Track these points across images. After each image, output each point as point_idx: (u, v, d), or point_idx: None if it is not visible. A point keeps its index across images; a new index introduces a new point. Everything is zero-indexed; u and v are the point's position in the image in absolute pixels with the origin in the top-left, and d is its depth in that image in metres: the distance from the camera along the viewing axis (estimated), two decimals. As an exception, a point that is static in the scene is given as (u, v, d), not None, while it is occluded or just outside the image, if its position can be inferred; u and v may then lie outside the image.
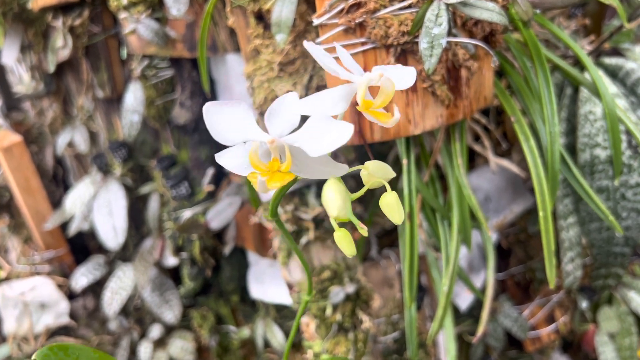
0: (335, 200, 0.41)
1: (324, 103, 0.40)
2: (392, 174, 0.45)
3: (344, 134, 0.37)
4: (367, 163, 0.45)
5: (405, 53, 0.66)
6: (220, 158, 0.42)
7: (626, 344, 1.18)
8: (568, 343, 1.35)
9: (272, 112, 0.40)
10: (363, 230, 0.42)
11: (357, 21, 0.64)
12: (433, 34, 0.61)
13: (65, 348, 0.51)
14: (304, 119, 0.40)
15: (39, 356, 0.48)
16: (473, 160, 1.09)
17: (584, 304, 1.18)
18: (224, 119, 0.40)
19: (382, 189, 0.44)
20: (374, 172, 0.45)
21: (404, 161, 0.78)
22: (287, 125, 0.40)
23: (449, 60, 0.69)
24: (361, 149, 0.93)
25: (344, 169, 0.43)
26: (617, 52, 0.98)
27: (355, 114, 0.68)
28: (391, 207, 0.43)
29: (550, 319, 1.20)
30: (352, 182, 0.97)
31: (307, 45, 0.40)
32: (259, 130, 0.40)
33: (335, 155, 0.86)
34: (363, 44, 0.65)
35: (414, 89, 0.68)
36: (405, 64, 0.67)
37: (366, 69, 0.67)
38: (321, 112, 0.40)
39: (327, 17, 0.66)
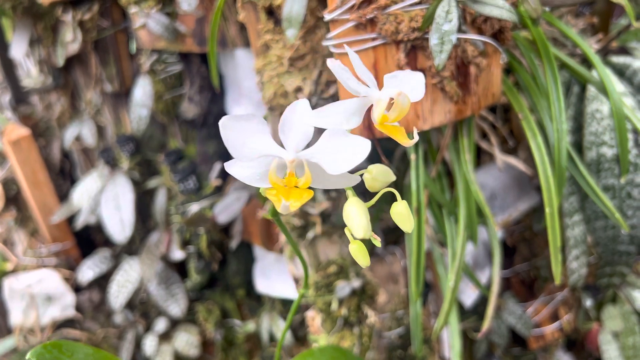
0: (361, 221, 0.40)
1: (338, 116, 0.39)
2: (393, 178, 0.45)
3: (362, 151, 0.37)
4: (370, 167, 0.45)
5: (415, 49, 0.67)
6: (231, 168, 0.41)
7: (630, 343, 1.18)
8: (572, 341, 1.35)
9: (285, 124, 0.39)
10: (377, 241, 0.41)
11: (368, 17, 0.64)
12: (443, 30, 0.62)
13: (59, 345, 0.50)
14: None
15: (33, 355, 0.48)
16: (479, 158, 1.09)
17: (588, 303, 1.18)
18: (241, 134, 0.39)
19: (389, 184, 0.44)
20: (377, 176, 0.44)
21: (412, 157, 0.78)
22: (303, 138, 0.39)
23: (458, 57, 0.70)
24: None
25: (356, 179, 0.43)
26: (624, 50, 0.99)
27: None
28: (402, 216, 0.43)
29: (554, 316, 1.20)
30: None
31: (331, 64, 0.40)
32: (277, 146, 0.39)
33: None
34: (373, 39, 0.66)
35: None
36: (415, 59, 0.67)
37: (376, 64, 0.67)
38: (336, 125, 0.39)
39: (338, 12, 0.66)
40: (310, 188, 0.40)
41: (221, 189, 1.13)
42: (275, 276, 1.11)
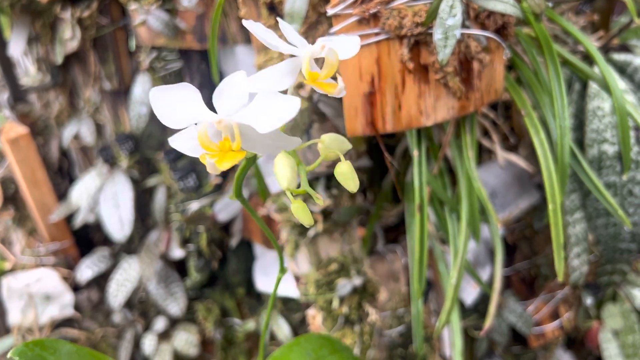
0: (285, 172, 0.41)
1: (270, 78, 0.41)
2: (349, 146, 0.46)
3: (291, 107, 0.38)
4: (323, 136, 0.46)
5: (419, 44, 0.66)
6: (174, 141, 0.42)
7: (630, 342, 1.18)
8: (572, 339, 1.35)
9: (220, 92, 0.40)
10: (319, 200, 0.42)
11: (371, 12, 0.64)
12: (447, 25, 0.62)
13: (40, 343, 0.50)
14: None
15: (14, 354, 0.47)
16: (480, 156, 1.09)
17: (588, 301, 1.18)
18: (171, 102, 0.40)
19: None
20: (330, 144, 0.46)
21: (415, 153, 0.78)
22: (236, 104, 0.40)
23: (461, 52, 0.69)
24: (371, 140, 0.93)
25: (296, 141, 0.44)
26: (625, 48, 0.99)
27: (367, 104, 0.68)
28: (345, 175, 0.44)
29: (554, 315, 1.20)
30: (360, 174, 0.97)
31: (246, 23, 0.41)
32: (207, 111, 0.40)
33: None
34: (376, 34, 0.65)
35: (426, 80, 0.68)
36: (418, 55, 0.67)
37: (379, 59, 0.67)
38: (269, 88, 0.40)
39: (341, 7, 0.66)
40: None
41: (221, 187, 1.12)
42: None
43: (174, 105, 0.40)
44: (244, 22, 0.41)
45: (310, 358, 0.66)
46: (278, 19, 0.43)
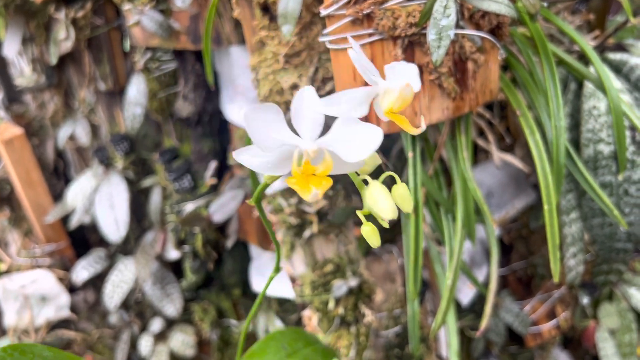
0: (390, 203, 0.41)
1: (346, 105, 0.40)
2: (379, 161, 0.47)
3: (375, 138, 0.38)
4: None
5: (413, 45, 0.66)
6: (239, 156, 0.41)
7: (626, 341, 1.18)
8: (568, 339, 1.35)
9: (297, 113, 0.40)
10: (384, 222, 0.43)
11: (364, 12, 0.64)
12: (441, 25, 0.61)
13: (18, 348, 0.50)
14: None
15: None
16: (475, 156, 1.09)
17: (584, 300, 1.18)
18: (263, 125, 0.39)
19: (388, 182, 0.45)
20: (367, 160, 0.46)
21: (410, 154, 0.78)
22: (316, 126, 0.40)
23: (455, 53, 0.69)
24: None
25: (360, 164, 0.44)
26: (621, 47, 0.98)
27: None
28: (403, 197, 0.45)
29: (551, 314, 1.20)
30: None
31: (352, 54, 0.40)
32: (295, 136, 0.40)
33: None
34: (370, 35, 0.65)
35: (421, 81, 0.68)
36: (412, 55, 0.67)
37: (373, 60, 0.67)
38: (344, 113, 0.40)
39: (335, 8, 0.65)
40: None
41: (216, 187, 1.12)
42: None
43: (265, 127, 0.39)
44: (350, 53, 0.41)
45: (285, 351, 0.68)
46: (356, 49, 0.42)
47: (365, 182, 0.44)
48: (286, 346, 0.68)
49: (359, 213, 0.43)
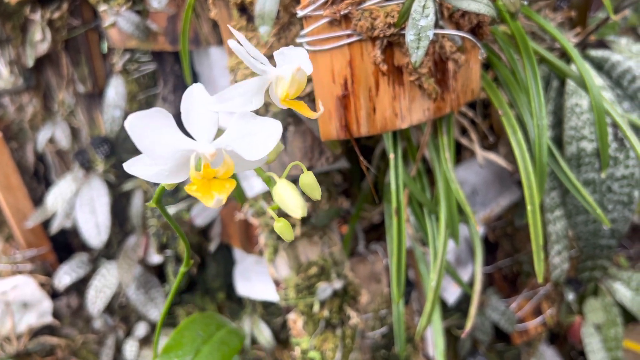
0: (297, 201, 0.40)
1: (241, 98, 0.39)
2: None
3: (275, 132, 0.37)
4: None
5: (392, 45, 0.65)
6: (131, 167, 0.38)
7: (612, 335, 1.18)
8: (555, 335, 1.35)
9: (189, 114, 0.37)
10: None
11: (342, 13, 0.63)
12: (420, 25, 0.60)
13: None
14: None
15: None
16: (460, 154, 1.09)
17: (570, 296, 1.18)
18: (151, 132, 0.36)
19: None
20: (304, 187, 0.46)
21: (391, 156, 0.77)
22: (212, 127, 0.38)
23: (435, 53, 0.68)
24: (348, 143, 0.92)
25: (263, 159, 0.42)
26: (602, 44, 0.98)
27: (341, 108, 0.66)
28: (312, 186, 0.45)
29: (537, 311, 1.20)
30: (339, 176, 0.96)
31: (232, 44, 0.39)
32: (190, 140, 0.37)
33: (321, 150, 0.85)
34: (349, 36, 0.64)
35: (401, 82, 0.67)
36: (391, 56, 0.66)
37: (352, 61, 0.66)
38: (239, 108, 0.38)
39: (312, 8, 0.64)
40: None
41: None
42: (256, 278, 1.09)
43: (154, 134, 0.36)
44: (229, 43, 0.39)
45: (201, 338, 0.67)
46: (234, 32, 0.41)
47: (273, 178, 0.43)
48: (201, 333, 0.68)
49: (268, 209, 0.43)
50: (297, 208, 0.40)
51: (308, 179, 0.45)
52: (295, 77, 0.41)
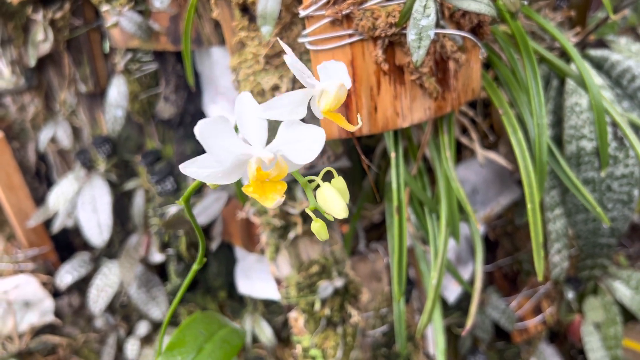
0: (341, 203, 0.42)
1: (285, 108, 0.41)
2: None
3: (320, 138, 0.40)
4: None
5: (393, 45, 0.66)
6: (187, 168, 0.40)
7: (611, 334, 1.19)
8: (554, 333, 1.36)
9: (242, 120, 0.40)
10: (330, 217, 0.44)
11: (344, 13, 0.63)
12: (421, 25, 0.61)
13: None
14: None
15: None
16: (460, 153, 1.09)
17: (570, 295, 1.19)
18: (218, 138, 0.39)
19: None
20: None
21: (392, 154, 0.77)
22: (263, 132, 0.40)
23: (436, 52, 0.69)
24: (349, 142, 0.92)
25: (298, 164, 0.44)
26: (602, 44, 0.99)
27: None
28: (342, 191, 0.46)
29: (537, 310, 1.20)
30: (341, 175, 0.96)
31: (288, 59, 0.41)
32: (247, 146, 0.40)
33: (322, 149, 0.85)
34: (350, 35, 0.65)
35: (402, 81, 0.67)
36: (393, 56, 0.66)
37: (353, 61, 0.66)
38: (284, 116, 0.40)
39: (314, 8, 0.65)
40: (294, 182, 0.41)
41: (200, 190, 1.11)
42: (257, 277, 1.10)
43: (220, 140, 0.39)
44: (285, 58, 0.41)
45: (204, 336, 0.68)
46: (287, 49, 0.43)
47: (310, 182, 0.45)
48: (203, 331, 0.69)
49: (307, 210, 0.44)
50: (341, 210, 0.42)
51: (339, 184, 0.46)
52: (339, 92, 0.43)
